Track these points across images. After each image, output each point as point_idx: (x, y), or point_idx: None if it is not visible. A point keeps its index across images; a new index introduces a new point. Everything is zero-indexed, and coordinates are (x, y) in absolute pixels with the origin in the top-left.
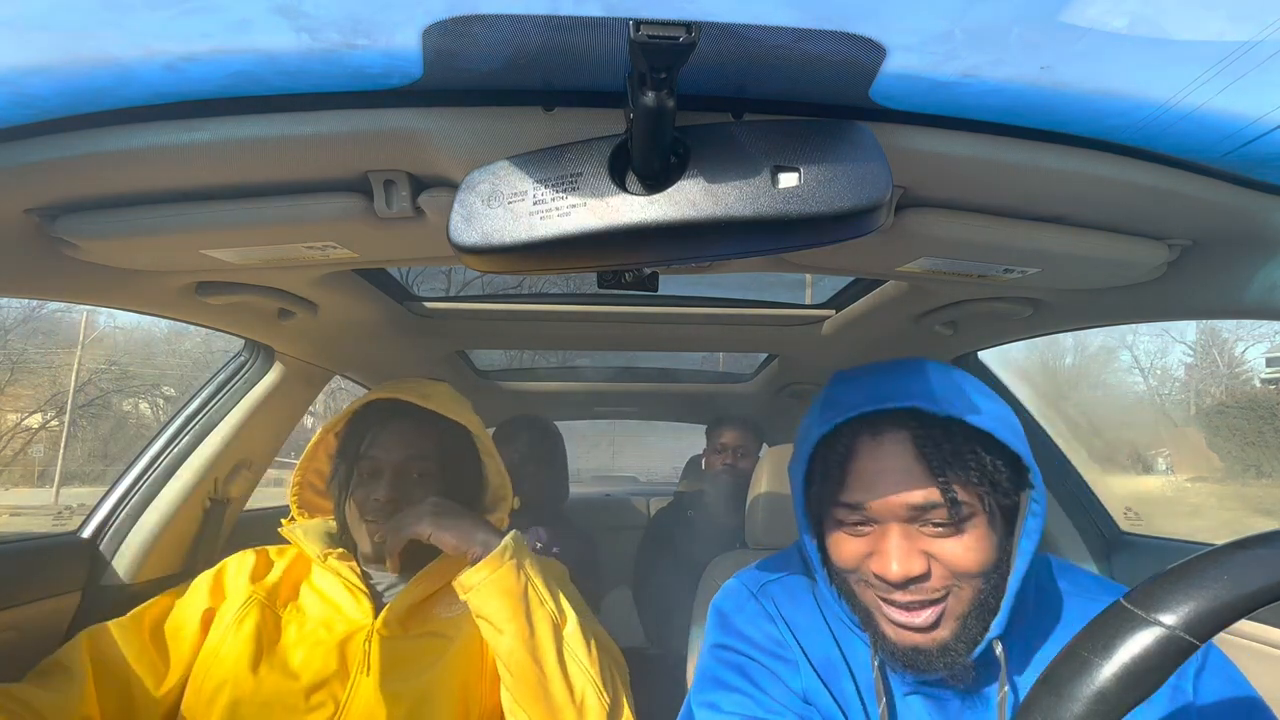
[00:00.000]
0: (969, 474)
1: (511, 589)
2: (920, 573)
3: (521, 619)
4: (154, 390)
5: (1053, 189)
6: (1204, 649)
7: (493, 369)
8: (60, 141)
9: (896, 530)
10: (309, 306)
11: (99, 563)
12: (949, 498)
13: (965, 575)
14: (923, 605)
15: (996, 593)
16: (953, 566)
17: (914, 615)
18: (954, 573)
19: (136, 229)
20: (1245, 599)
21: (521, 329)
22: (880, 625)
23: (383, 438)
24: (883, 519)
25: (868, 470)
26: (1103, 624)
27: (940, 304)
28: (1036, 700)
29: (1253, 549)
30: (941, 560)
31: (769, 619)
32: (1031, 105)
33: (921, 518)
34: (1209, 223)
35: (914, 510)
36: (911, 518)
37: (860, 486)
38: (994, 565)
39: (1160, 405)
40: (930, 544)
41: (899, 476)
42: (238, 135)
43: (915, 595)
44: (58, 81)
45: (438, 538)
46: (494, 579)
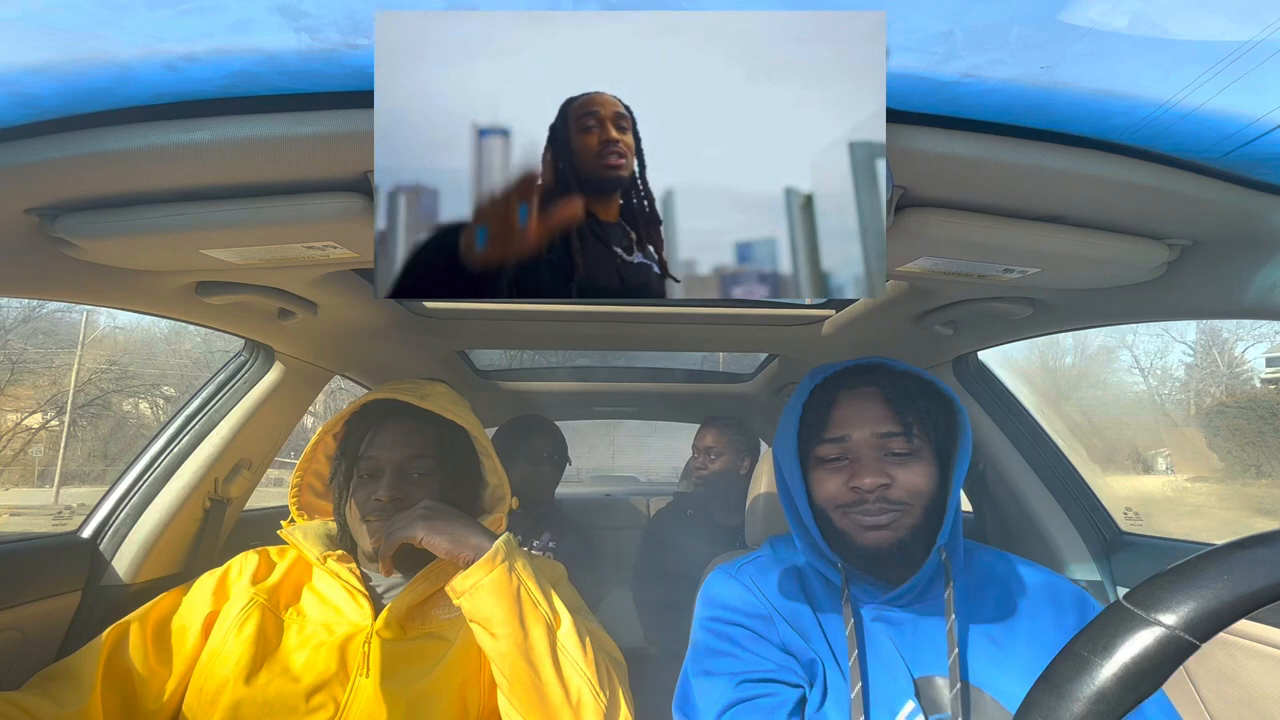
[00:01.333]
0: (920, 415)
1: (504, 592)
2: (886, 483)
3: (514, 622)
4: (154, 390)
5: (1053, 189)
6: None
7: (493, 369)
8: (60, 141)
9: (868, 454)
10: (309, 306)
11: (99, 563)
12: (906, 429)
13: (915, 493)
14: (885, 511)
15: (939, 516)
16: (907, 485)
17: (880, 517)
18: (907, 490)
19: (136, 229)
20: (1245, 599)
21: (521, 329)
22: (854, 537)
23: (382, 437)
24: (857, 446)
25: (848, 411)
26: (1103, 624)
27: (940, 304)
28: (1036, 700)
29: (1253, 549)
30: (899, 480)
31: (746, 589)
32: (1032, 105)
33: (886, 445)
34: (1209, 223)
35: (880, 438)
36: (878, 445)
37: (843, 423)
38: (935, 494)
39: (1160, 405)
40: (891, 466)
41: (870, 414)
42: (238, 135)
43: (881, 505)
44: (58, 81)
45: (429, 542)
46: (486, 583)
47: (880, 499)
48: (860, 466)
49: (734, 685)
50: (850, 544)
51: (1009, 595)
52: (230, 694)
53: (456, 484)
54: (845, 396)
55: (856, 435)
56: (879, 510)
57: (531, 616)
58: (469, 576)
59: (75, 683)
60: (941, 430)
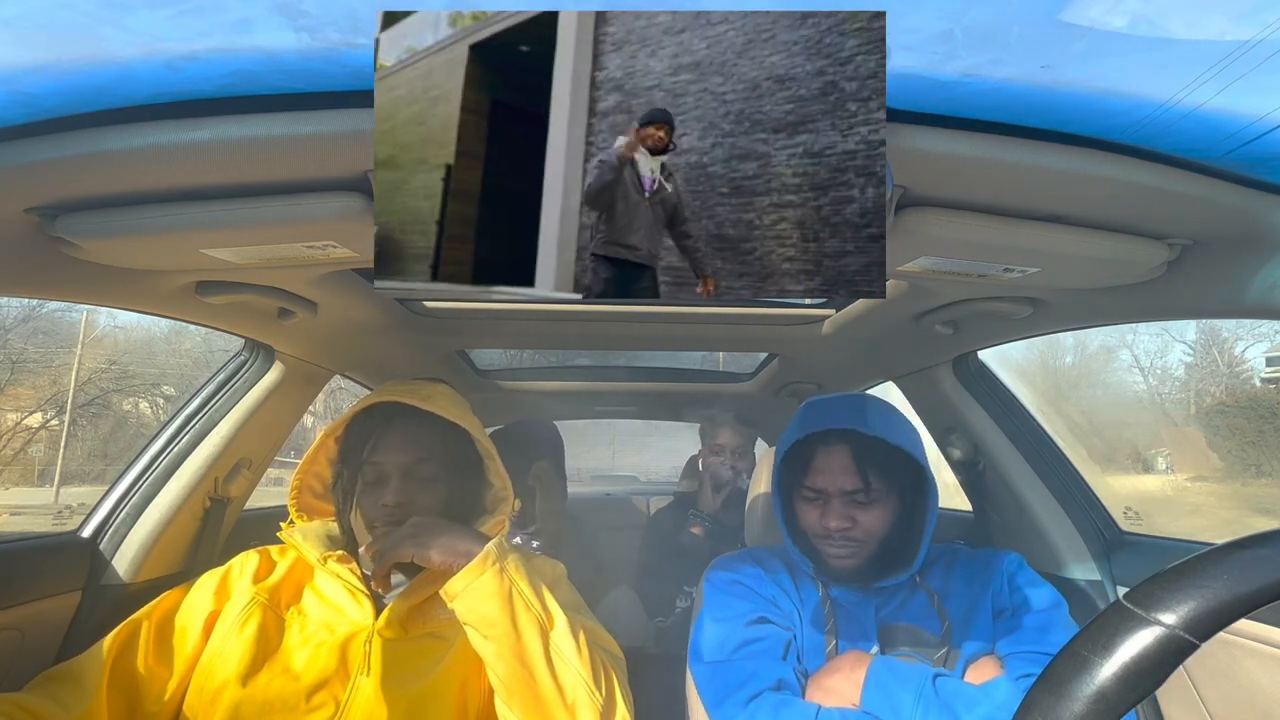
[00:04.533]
0: (880, 473)
1: (495, 594)
2: (848, 526)
3: (507, 623)
4: (154, 390)
5: (1053, 188)
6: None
7: (493, 369)
8: (60, 141)
9: (836, 501)
10: (309, 306)
11: (99, 562)
12: (867, 486)
13: (872, 533)
14: (846, 546)
15: (899, 546)
16: (865, 526)
17: (843, 550)
18: (865, 530)
19: (136, 229)
20: (1245, 599)
21: (521, 328)
22: (825, 560)
23: (386, 442)
24: (829, 494)
25: (822, 466)
26: (1103, 623)
27: (940, 303)
28: (1036, 700)
29: (1253, 549)
30: (859, 522)
31: (744, 561)
32: (1031, 104)
33: (849, 496)
34: (1209, 222)
35: (845, 492)
36: (843, 496)
37: (817, 475)
38: (892, 529)
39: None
40: (855, 511)
41: (839, 471)
42: (237, 135)
43: (844, 541)
44: (58, 81)
45: (421, 557)
46: (477, 585)
47: (844, 537)
48: (829, 511)
49: (743, 625)
50: (823, 563)
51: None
52: (231, 693)
53: (461, 487)
54: (820, 452)
55: (828, 488)
56: (843, 545)
57: (524, 618)
58: (460, 580)
59: (79, 684)
60: (903, 481)
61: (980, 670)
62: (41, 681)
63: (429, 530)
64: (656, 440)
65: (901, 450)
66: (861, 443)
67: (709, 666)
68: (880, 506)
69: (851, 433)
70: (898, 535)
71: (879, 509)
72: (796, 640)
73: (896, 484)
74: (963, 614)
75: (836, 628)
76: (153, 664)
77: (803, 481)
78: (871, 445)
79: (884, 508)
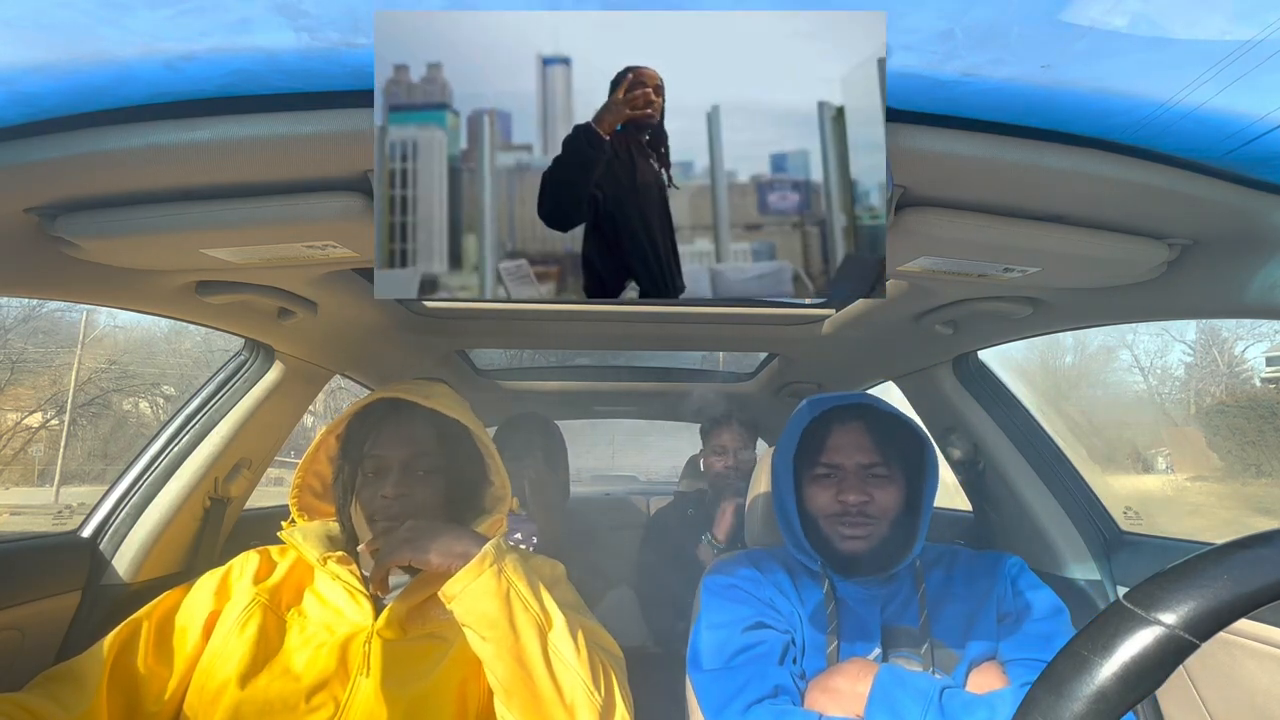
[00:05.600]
0: (894, 449)
1: (493, 595)
2: (865, 500)
3: (504, 624)
4: (154, 389)
5: (1053, 188)
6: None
7: (493, 368)
8: (60, 141)
9: (853, 476)
10: (309, 306)
11: (99, 562)
12: (883, 460)
13: (886, 511)
14: (861, 524)
15: (905, 530)
16: (880, 503)
17: (858, 529)
18: (881, 508)
19: (136, 228)
20: (1245, 599)
21: (521, 328)
22: (835, 543)
23: (386, 436)
24: (845, 469)
25: (839, 441)
26: (1103, 623)
27: (940, 303)
28: (1036, 699)
29: (1253, 549)
30: (875, 498)
31: (742, 564)
32: (1032, 104)
33: (866, 470)
34: (1209, 222)
35: (862, 465)
36: (860, 471)
37: (834, 451)
38: (902, 512)
39: (1160, 405)
40: (870, 488)
41: (856, 446)
42: (237, 135)
43: (860, 518)
44: (57, 81)
45: (419, 560)
46: (475, 587)
47: (860, 513)
48: (846, 485)
49: (740, 631)
50: (831, 548)
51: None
52: (231, 694)
53: (460, 483)
54: (836, 428)
55: (845, 461)
56: (858, 523)
57: (522, 618)
58: (457, 582)
59: (79, 684)
60: (911, 463)
61: (983, 674)
62: (41, 681)
63: (426, 533)
64: (656, 440)
65: (911, 429)
66: (876, 419)
67: (707, 674)
68: (894, 484)
69: (867, 408)
70: (904, 519)
71: (893, 486)
72: (795, 642)
73: (905, 466)
74: (965, 617)
75: (840, 628)
76: (153, 664)
77: (817, 460)
78: (885, 423)
79: (897, 486)
